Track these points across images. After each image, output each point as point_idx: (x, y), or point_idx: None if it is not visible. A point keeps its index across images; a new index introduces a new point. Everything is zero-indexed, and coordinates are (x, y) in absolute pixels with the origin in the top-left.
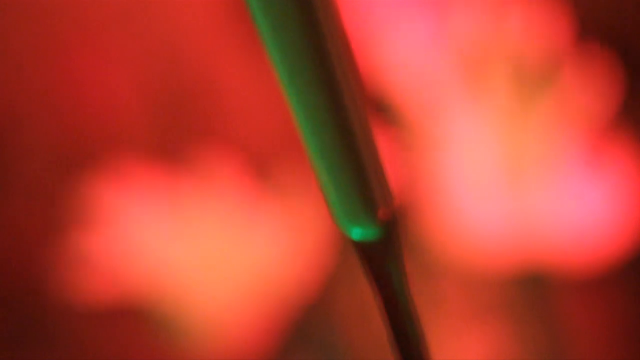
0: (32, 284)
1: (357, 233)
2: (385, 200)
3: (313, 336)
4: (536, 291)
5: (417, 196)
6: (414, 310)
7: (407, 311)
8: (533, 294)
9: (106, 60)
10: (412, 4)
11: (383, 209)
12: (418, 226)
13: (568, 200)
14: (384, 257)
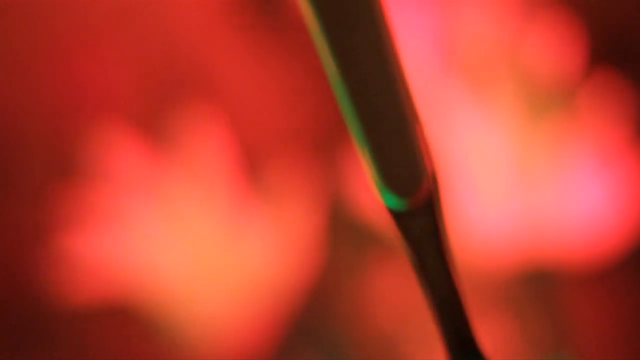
0: (26, 286)
1: (400, 204)
2: (429, 167)
3: (309, 334)
4: (541, 287)
5: None
6: (458, 278)
7: (452, 279)
8: (538, 290)
9: (106, 60)
10: (421, 12)
11: (426, 178)
12: None
13: (572, 197)
14: (432, 226)
